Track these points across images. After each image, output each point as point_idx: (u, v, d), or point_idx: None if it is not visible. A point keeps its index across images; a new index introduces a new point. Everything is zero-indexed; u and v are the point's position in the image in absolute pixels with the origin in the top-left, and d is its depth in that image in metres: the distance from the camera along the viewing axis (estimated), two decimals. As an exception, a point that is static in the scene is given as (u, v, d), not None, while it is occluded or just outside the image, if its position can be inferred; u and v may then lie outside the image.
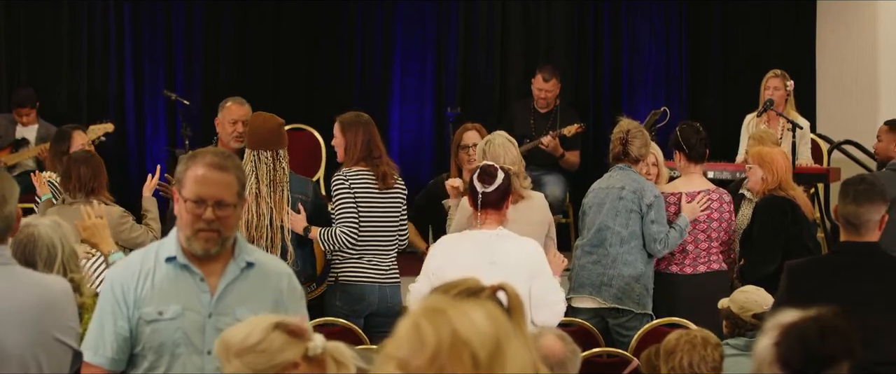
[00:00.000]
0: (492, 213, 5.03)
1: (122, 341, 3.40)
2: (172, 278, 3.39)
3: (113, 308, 3.40)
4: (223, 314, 3.36)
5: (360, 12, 10.06)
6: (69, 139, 6.98)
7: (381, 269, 5.87)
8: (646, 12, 10.11)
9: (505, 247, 4.98)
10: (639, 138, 6.19)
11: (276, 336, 2.88)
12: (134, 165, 9.68)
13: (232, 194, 3.35)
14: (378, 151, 5.89)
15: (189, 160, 3.40)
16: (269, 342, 2.88)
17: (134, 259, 3.48)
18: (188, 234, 3.36)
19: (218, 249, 3.37)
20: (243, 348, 2.87)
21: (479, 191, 5.00)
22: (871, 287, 4.30)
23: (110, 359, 3.41)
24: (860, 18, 9.46)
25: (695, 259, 6.26)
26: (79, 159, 6.33)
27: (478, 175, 5.04)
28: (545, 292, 5.02)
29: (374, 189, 5.85)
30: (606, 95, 10.15)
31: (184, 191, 3.36)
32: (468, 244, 5.00)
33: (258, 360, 2.87)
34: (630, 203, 6.09)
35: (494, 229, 5.02)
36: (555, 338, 3.95)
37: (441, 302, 2.28)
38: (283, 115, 9.48)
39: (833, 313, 2.74)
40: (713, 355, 4.15)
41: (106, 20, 9.74)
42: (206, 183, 3.33)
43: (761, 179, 6.15)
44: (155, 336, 3.38)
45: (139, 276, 3.40)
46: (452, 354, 2.21)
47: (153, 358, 3.39)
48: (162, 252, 3.43)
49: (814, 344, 2.68)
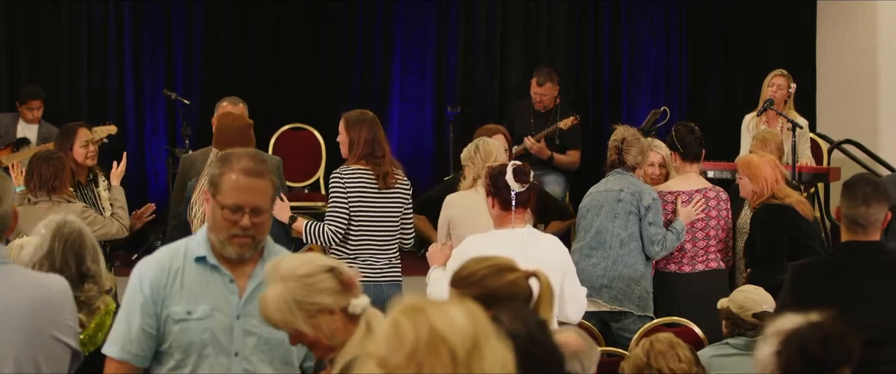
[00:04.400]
0: (522, 212, 5.02)
1: (148, 338, 3.38)
2: (202, 278, 3.38)
3: (142, 305, 3.38)
4: (251, 315, 3.34)
5: (360, 12, 10.07)
6: (73, 136, 7.00)
7: (376, 268, 5.86)
8: (646, 12, 10.12)
9: (539, 244, 4.99)
10: (635, 146, 6.18)
11: (327, 278, 2.97)
12: (133, 164, 9.68)
13: (267, 200, 3.35)
14: (381, 151, 5.88)
15: (224, 164, 3.38)
16: (316, 280, 2.97)
17: (163, 256, 3.44)
18: (223, 238, 3.35)
19: (252, 253, 3.37)
20: (291, 274, 2.96)
21: (514, 190, 4.98)
22: (876, 286, 4.31)
23: (136, 356, 3.39)
24: (860, 18, 9.47)
25: (693, 258, 6.26)
26: (41, 158, 6.43)
27: (513, 174, 5.00)
28: (575, 288, 5.11)
29: (371, 188, 5.84)
30: (606, 94, 10.17)
31: (219, 196, 3.33)
32: (501, 243, 4.92)
33: (300, 291, 2.94)
34: (629, 205, 6.08)
35: (524, 227, 5.02)
36: (571, 332, 3.97)
37: (420, 301, 2.31)
38: (283, 115, 9.63)
39: (833, 319, 2.73)
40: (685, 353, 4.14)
41: (106, 20, 9.75)
42: (243, 190, 3.31)
43: (752, 192, 6.15)
44: (183, 336, 3.36)
45: (168, 274, 3.39)
46: (430, 350, 2.23)
47: (180, 357, 3.38)
48: (191, 251, 3.41)
49: (816, 353, 2.68)
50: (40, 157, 6.47)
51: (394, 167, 5.91)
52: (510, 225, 5.00)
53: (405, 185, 5.96)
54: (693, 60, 10.21)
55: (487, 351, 2.27)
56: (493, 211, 5.08)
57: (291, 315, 2.94)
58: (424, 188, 7.53)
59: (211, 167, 3.46)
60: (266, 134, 9.01)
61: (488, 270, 3.02)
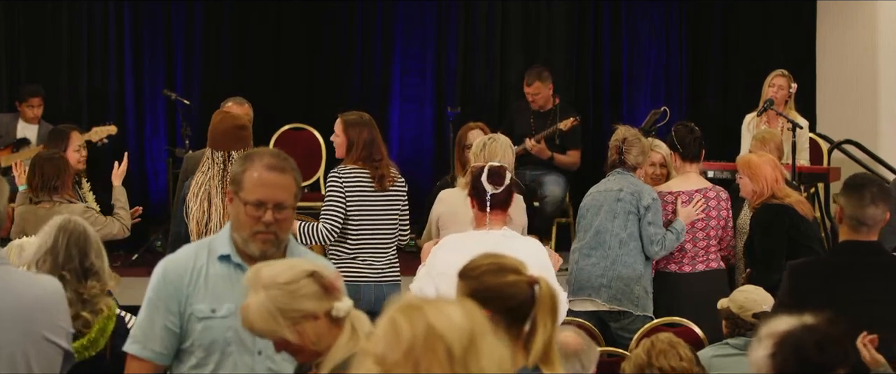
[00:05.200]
0: (499, 213, 5.02)
1: (171, 336, 3.37)
2: (226, 277, 3.37)
3: (165, 302, 3.37)
4: None
5: (360, 12, 10.07)
6: (67, 139, 7.00)
7: (376, 268, 5.87)
8: (646, 12, 10.12)
9: (514, 246, 4.95)
10: (636, 147, 6.18)
11: (308, 284, 2.94)
12: (133, 164, 9.68)
13: (291, 196, 3.34)
14: (379, 154, 5.89)
15: (246, 161, 3.37)
16: (298, 286, 2.94)
17: (187, 254, 3.44)
18: (246, 235, 3.34)
19: (275, 250, 3.36)
20: (272, 282, 2.93)
21: (489, 192, 4.98)
22: (876, 286, 4.32)
23: (158, 353, 3.38)
24: (860, 18, 9.47)
25: (693, 258, 6.26)
26: (43, 158, 6.44)
27: (488, 176, 5.00)
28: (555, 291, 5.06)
29: (368, 189, 5.85)
30: (606, 94, 10.17)
31: (242, 193, 3.33)
32: (477, 244, 4.92)
33: (282, 299, 2.91)
34: (628, 205, 6.08)
35: (500, 229, 5.01)
36: (571, 331, 3.97)
37: (417, 299, 2.31)
38: (283, 115, 9.64)
39: (828, 320, 2.72)
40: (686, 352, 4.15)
41: (106, 20, 9.75)
42: (266, 186, 3.31)
43: (752, 191, 6.15)
44: (206, 334, 3.36)
45: (192, 271, 3.38)
46: (427, 348, 2.24)
47: (202, 355, 3.37)
48: (215, 249, 3.40)
49: (811, 356, 2.66)
50: (43, 157, 6.49)
51: (389, 170, 5.92)
52: (486, 226, 5.01)
53: (401, 185, 5.98)
54: (693, 60, 10.21)
55: (484, 349, 2.27)
56: (473, 211, 5.10)
57: (275, 323, 2.90)
58: (424, 188, 7.54)
59: (234, 165, 3.44)
60: (266, 134, 9.01)
61: (489, 267, 3.02)
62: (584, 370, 3.90)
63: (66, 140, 6.99)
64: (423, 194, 7.17)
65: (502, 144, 5.97)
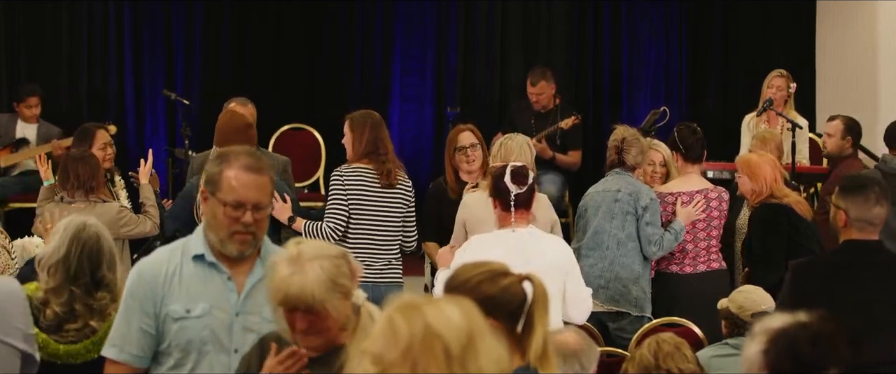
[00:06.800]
0: (523, 212, 5.03)
1: (147, 338, 3.37)
2: (200, 276, 3.38)
3: (141, 305, 3.37)
4: (250, 312, 3.35)
5: (360, 12, 10.07)
6: (92, 137, 7.00)
7: (375, 269, 5.85)
8: (646, 12, 10.12)
9: (539, 246, 4.99)
10: (635, 146, 6.18)
11: (344, 263, 3.01)
12: (134, 164, 9.67)
13: (267, 196, 3.35)
14: (384, 150, 5.89)
15: (222, 161, 3.36)
16: (341, 262, 3.01)
17: (161, 255, 3.44)
18: (223, 236, 3.33)
19: (252, 251, 3.36)
20: (321, 254, 2.97)
21: (513, 192, 4.99)
22: (877, 284, 4.31)
23: (135, 356, 3.39)
24: (860, 18, 9.46)
25: (694, 258, 6.25)
26: (76, 158, 6.43)
27: (511, 176, 5.00)
28: (579, 289, 5.11)
29: (373, 187, 5.85)
30: (606, 94, 10.17)
31: (220, 193, 3.32)
32: (502, 244, 4.93)
33: (333, 270, 2.96)
34: (626, 205, 6.08)
35: (525, 228, 5.02)
36: (571, 332, 3.97)
37: (415, 299, 2.31)
38: (283, 115, 9.63)
39: (822, 318, 2.71)
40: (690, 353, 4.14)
41: (106, 20, 9.75)
42: (244, 186, 3.30)
43: (751, 190, 6.15)
44: (182, 334, 3.36)
45: (166, 273, 3.38)
46: (425, 347, 2.24)
47: (179, 356, 3.37)
48: (189, 250, 3.40)
49: (804, 352, 2.65)
50: (74, 157, 6.48)
51: (396, 167, 5.92)
52: (511, 226, 5.01)
53: (407, 186, 5.96)
54: (693, 60, 10.21)
55: (482, 348, 2.27)
56: (495, 212, 5.09)
57: (330, 293, 2.93)
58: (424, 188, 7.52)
59: (209, 165, 3.43)
60: (266, 134, 9.00)
61: (483, 276, 3.01)
62: (584, 370, 3.90)
63: (92, 138, 6.99)
64: (422, 194, 7.17)
65: (518, 142, 5.96)
